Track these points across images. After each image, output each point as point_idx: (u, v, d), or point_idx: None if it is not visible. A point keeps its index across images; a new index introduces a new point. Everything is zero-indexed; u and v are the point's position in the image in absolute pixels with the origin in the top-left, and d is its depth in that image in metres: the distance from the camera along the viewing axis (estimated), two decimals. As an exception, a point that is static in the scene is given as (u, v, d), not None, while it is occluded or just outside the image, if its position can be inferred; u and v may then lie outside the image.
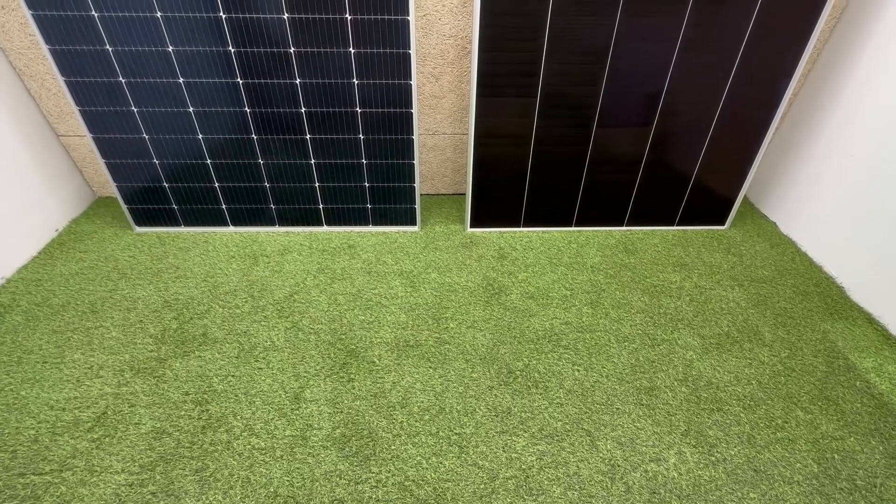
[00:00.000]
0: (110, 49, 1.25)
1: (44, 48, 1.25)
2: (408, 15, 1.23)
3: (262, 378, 1.14)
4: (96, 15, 1.20)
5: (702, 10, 1.25)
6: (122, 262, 1.48)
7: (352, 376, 1.15)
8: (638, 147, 1.49)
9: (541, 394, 1.12)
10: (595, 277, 1.46)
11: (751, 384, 1.15)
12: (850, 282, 1.42)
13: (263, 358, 1.19)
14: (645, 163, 1.52)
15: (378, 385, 1.13)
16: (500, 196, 1.58)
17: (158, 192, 1.52)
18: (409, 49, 1.28)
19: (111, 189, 1.71)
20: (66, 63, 1.27)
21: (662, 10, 1.25)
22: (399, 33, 1.26)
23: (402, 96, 1.37)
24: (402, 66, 1.31)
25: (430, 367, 1.17)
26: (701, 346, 1.24)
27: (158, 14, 1.21)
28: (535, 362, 1.19)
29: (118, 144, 1.42)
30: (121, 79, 1.30)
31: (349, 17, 1.23)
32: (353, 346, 1.22)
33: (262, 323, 1.28)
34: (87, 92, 1.32)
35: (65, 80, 1.30)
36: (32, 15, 1.20)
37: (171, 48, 1.26)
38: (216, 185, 1.52)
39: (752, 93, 1.40)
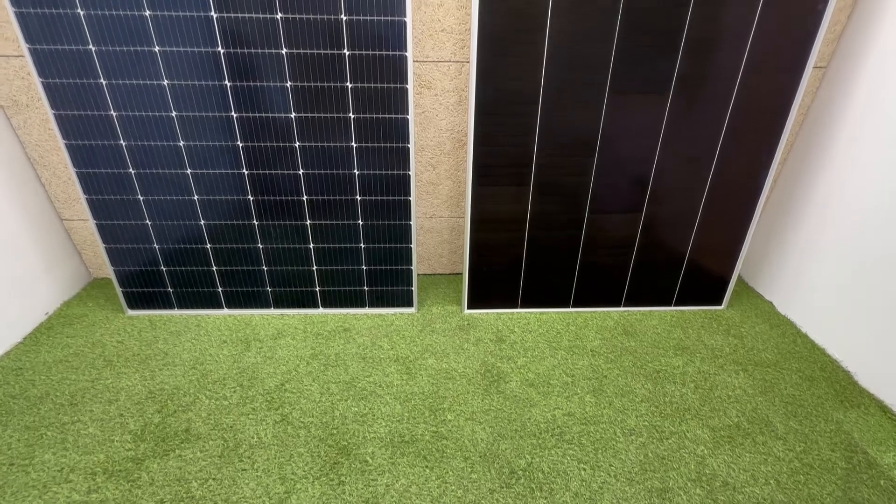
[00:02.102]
0: (124, 144, 1.32)
1: (60, 143, 1.31)
2: (407, 114, 1.32)
3: (246, 481, 1.06)
4: (114, 114, 1.28)
5: (679, 110, 1.35)
6: (109, 347, 1.44)
7: (342, 478, 1.07)
8: (630, 231, 1.53)
9: (546, 498, 1.03)
10: (596, 362, 1.43)
11: (769, 484, 1.08)
12: (856, 366, 1.39)
13: (248, 457, 1.11)
14: (638, 246, 1.56)
15: (370, 489, 1.05)
16: (496, 278, 1.59)
17: (155, 275, 1.52)
18: (409, 143, 1.36)
19: (108, 271, 1.70)
20: (80, 156, 1.33)
21: (644, 109, 1.35)
22: (399, 130, 1.34)
23: (401, 185, 1.42)
24: (401, 158, 1.38)
25: (427, 467, 1.10)
26: (712, 440, 1.18)
27: (174, 113, 1.29)
28: (538, 460, 1.12)
29: (120, 230, 1.44)
30: (131, 170, 1.36)
31: (352, 117, 1.32)
32: (346, 443, 1.15)
33: (250, 416, 1.22)
34: (97, 182, 1.37)
35: (76, 172, 1.35)
36: (54, 114, 1.28)
37: (182, 143, 1.33)
38: (213, 268, 1.52)
39: (734, 182, 1.47)
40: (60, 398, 1.25)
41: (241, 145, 1.34)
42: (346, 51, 1.24)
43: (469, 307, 1.64)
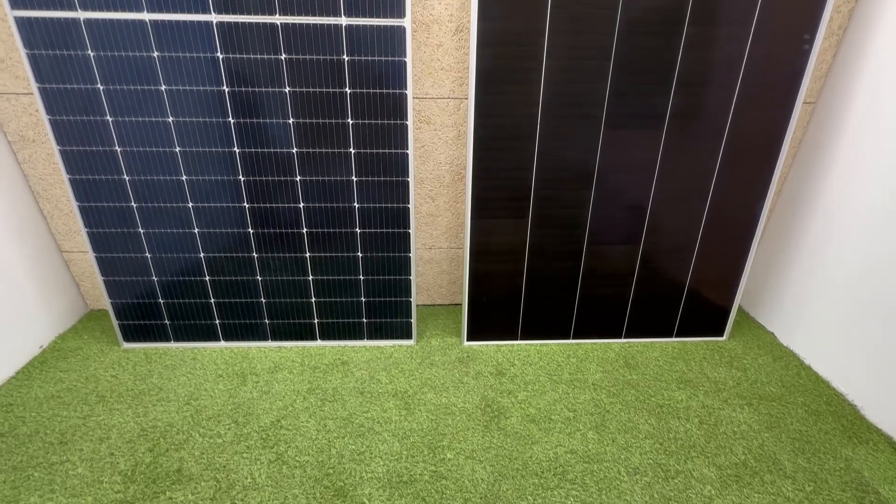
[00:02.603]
0: (127, 178, 1.34)
1: (64, 177, 1.33)
2: (407, 149, 1.35)
3: (238, 526, 1.02)
4: (119, 150, 1.30)
5: (673, 144, 1.38)
6: (103, 382, 1.41)
7: (338, 522, 1.03)
8: (629, 262, 1.53)
9: (549, 543, 1.00)
10: (598, 396, 1.40)
11: (780, 527, 1.04)
12: (862, 400, 1.37)
13: (242, 499, 1.07)
14: (637, 277, 1.56)
15: (367, 533, 1.01)
16: (496, 310, 1.58)
17: (152, 307, 1.51)
18: (408, 177, 1.38)
19: (105, 303, 1.69)
20: (83, 190, 1.35)
21: (639, 143, 1.37)
22: (399, 164, 1.36)
23: (401, 218, 1.43)
24: (401, 191, 1.40)
25: (426, 510, 1.06)
26: (719, 479, 1.15)
27: (177, 149, 1.31)
28: (540, 501, 1.08)
29: (119, 263, 1.44)
30: (132, 203, 1.37)
31: (353, 152, 1.34)
32: (342, 483, 1.11)
33: (244, 455, 1.18)
34: (98, 215, 1.38)
35: (78, 205, 1.36)
36: (59, 150, 1.30)
37: (184, 177, 1.35)
38: (212, 300, 1.51)
39: (731, 214, 1.48)
40: (50, 436, 1.22)
41: (242, 179, 1.36)
42: (347, 89, 1.27)
43: (469, 339, 1.63)
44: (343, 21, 1.20)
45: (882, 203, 1.31)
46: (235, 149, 1.32)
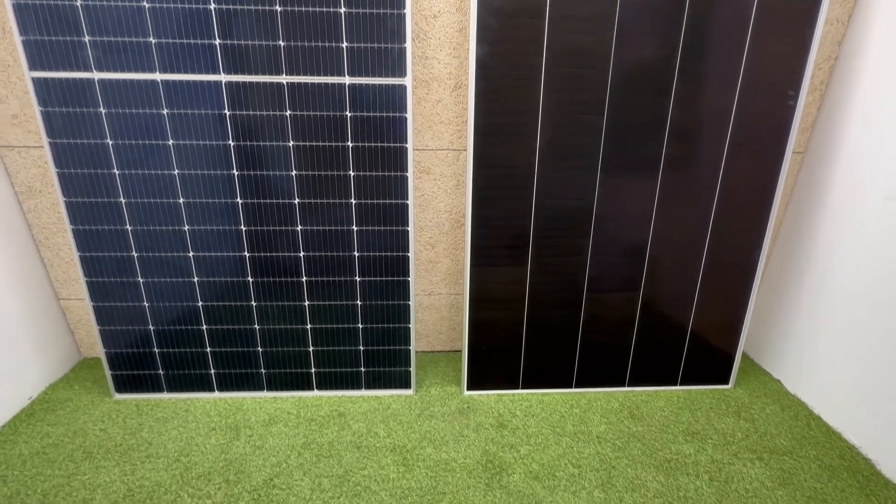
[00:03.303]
0: (129, 229, 1.35)
1: (68, 228, 1.34)
2: (407, 199, 1.37)
3: None
4: (123, 201, 1.33)
5: (669, 193, 1.41)
6: (91, 437, 1.36)
7: None
8: (629, 310, 1.53)
9: None
10: (603, 450, 1.35)
11: None
12: (877, 453, 1.32)
13: (229, 569, 1.01)
14: (638, 325, 1.54)
15: None
16: (496, 358, 1.56)
17: (146, 357, 1.49)
18: (408, 226, 1.40)
19: (99, 351, 1.67)
20: (86, 240, 1.36)
21: (635, 192, 1.40)
22: (399, 214, 1.38)
23: (401, 266, 1.44)
24: (401, 240, 1.41)
25: (425, 580, 1.00)
26: (733, 544, 1.09)
27: (181, 200, 1.33)
28: (546, 570, 1.02)
29: (116, 312, 1.43)
30: (133, 253, 1.38)
31: (354, 202, 1.36)
32: (336, 550, 1.06)
33: (234, 518, 1.13)
34: (98, 265, 1.38)
35: (80, 255, 1.37)
36: (65, 201, 1.32)
37: (186, 227, 1.36)
38: (208, 349, 1.49)
39: (729, 260, 1.49)
40: (31, 497, 1.17)
41: (244, 229, 1.37)
42: (349, 143, 1.31)
43: (469, 388, 1.59)
44: (346, 80, 1.25)
45: (877, 245, 1.32)
46: (238, 200, 1.34)
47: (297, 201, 1.35)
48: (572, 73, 1.28)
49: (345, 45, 1.23)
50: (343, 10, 1.20)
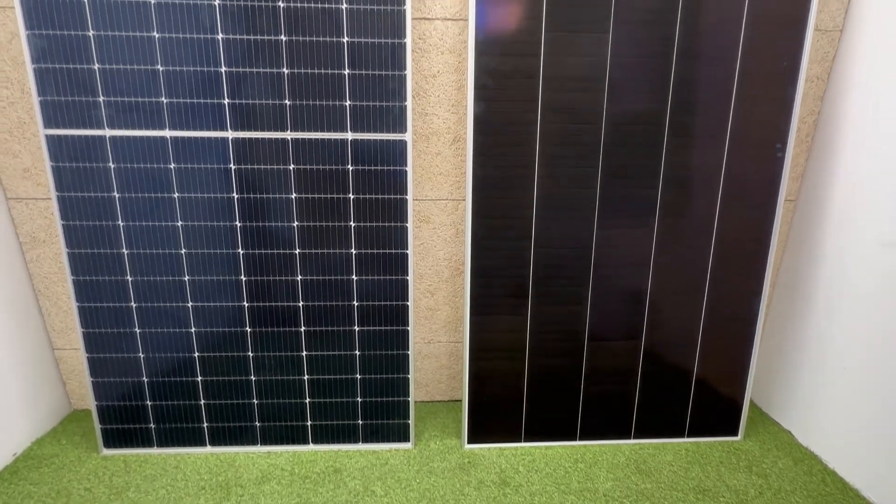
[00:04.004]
0: (130, 279, 1.36)
1: (68, 278, 1.35)
2: (407, 249, 1.38)
3: None
4: (126, 252, 1.34)
5: (666, 242, 1.42)
6: (74, 497, 1.30)
7: None
8: (631, 359, 1.50)
9: None
10: (611, 510, 1.29)
11: None
12: (897, 513, 1.26)
13: None
14: (642, 374, 1.52)
15: None
16: (498, 409, 1.52)
17: (138, 410, 1.45)
18: (408, 276, 1.40)
19: (90, 403, 1.62)
20: (85, 291, 1.36)
21: (632, 241, 1.42)
22: (399, 263, 1.39)
23: (400, 315, 1.43)
24: (400, 289, 1.41)
25: None
26: None
27: (183, 251, 1.35)
28: None
29: (110, 363, 1.41)
30: (132, 304, 1.37)
31: (354, 252, 1.38)
32: None
33: (221, 590, 1.06)
34: (96, 315, 1.38)
35: (78, 306, 1.37)
36: (68, 252, 1.33)
37: (186, 278, 1.37)
38: (202, 402, 1.45)
39: (729, 308, 1.49)
40: (7, 567, 1.10)
41: (244, 279, 1.38)
42: (351, 195, 1.34)
43: (469, 441, 1.54)
44: (349, 136, 1.30)
45: (877, 290, 1.32)
46: (240, 250, 1.36)
47: (297, 251, 1.37)
48: (567, 128, 1.33)
49: (348, 103, 1.28)
50: (347, 72, 1.26)
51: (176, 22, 1.21)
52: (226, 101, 1.26)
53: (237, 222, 1.34)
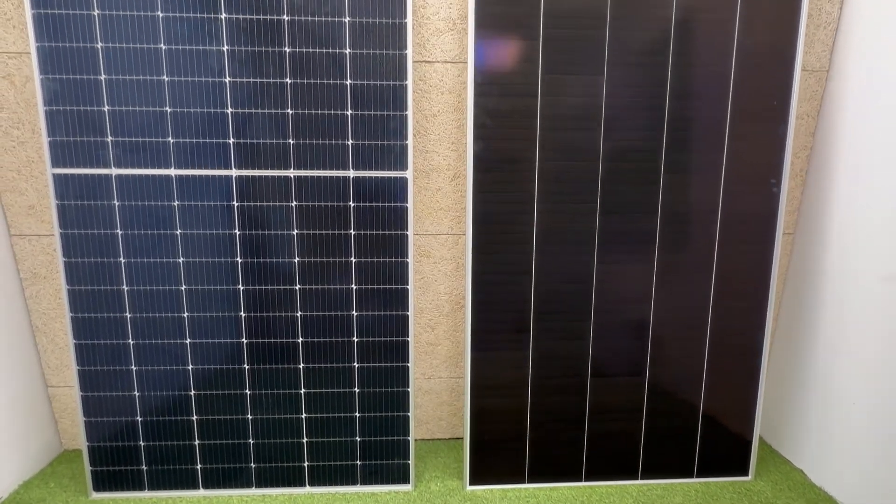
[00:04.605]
0: (129, 316, 1.35)
1: (67, 315, 1.34)
2: (407, 284, 1.38)
3: None
4: (126, 289, 1.34)
5: (666, 277, 1.42)
6: (60, 546, 1.25)
7: None
8: (636, 396, 1.48)
9: None
10: (620, 558, 1.23)
11: None
12: (919, 561, 1.21)
13: None
14: (647, 411, 1.48)
15: None
16: (500, 448, 1.48)
17: (130, 451, 1.41)
18: (408, 311, 1.40)
19: (81, 443, 1.58)
20: (83, 328, 1.35)
21: (632, 277, 1.42)
22: (399, 299, 1.39)
23: (400, 351, 1.41)
24: (400, 325, 1.40)
25: None
26: None
27: (183, 287, 1.35)
28: None
29: (105, 402, 1.38)
30: (130, 341, 1.36)
31: (354, 288, 1.38)
32: None
33: None
34: (93, 353, 1.36)
35: (75, 343, 1.35)
36: (68, 289, 1.33)
37: (185, 314, 1.36)
38: (196, 442, 1.42)
39: (733, 343, 1.47)
40: None
41: (243, 315, 1.37)
42: (352, 231, 1.35)
43: (471, 482, 1.49)
44: (351, 174, 1.32)
45: (880, 322, 1.31)
46: (240, 286, 1.36)
47: (298, 287, 1.37)
48: (564, 165, 1.35)
49: (350, 142, 1.31)
50: (350, 112, 1.30)
51: (185, 66, 1.25)
52: (231, 140, 1.29)
53: (238, 258, 1.34)
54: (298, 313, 1.38)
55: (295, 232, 1.34)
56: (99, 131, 1.27)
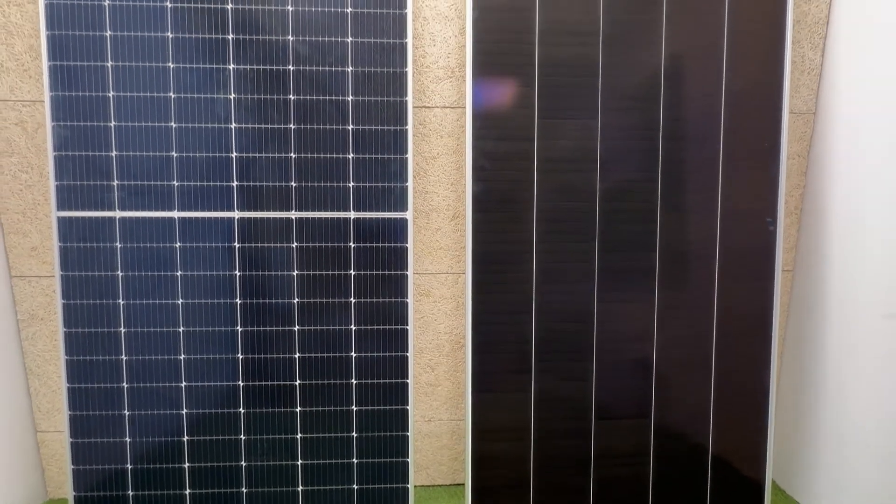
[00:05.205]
0: (125, 359, 1.33)
1: (62, 358, 1.33)
2: (407, 325, 1.37)
3: None
4: (123, 331, 1.33)
5: (667, 318, 1.41)
6: None
7: None
8: (642, 439, 1.43)
9: None
10: None
11: None
12: None
13: None
14: (654, 455, 1.44)
15: None
16: (503, 496, 1.42)
17: (118, 501, 1.35)
18: (408, 352, 1.38)
19: (67, 493, 1.52)
20: (77, 371, 1.33)
21: (633, 317, 1.41)
22: (398, 340, 1.38)
23: (399, 394, 1.39)
24: (399, 367, 1.38)
25: None
26: None
27: (181, 329, 1.34)
28: None
29: (95, 449, 1.34)
30: (124, 384, 1.34)
31: (354, 328, 1.37)
32: None
33: None
34: (86, 397, 1.33)
35: (68, 387, 1.33)
36: (64, 332, 1.32)
37: (182, 356, 1.34)
38: (187, 491, 1.36)
39: (739, 383, 1.45)
40: None
41: (241, 357, 1.35)
42: (352, 271, 1.35)
43: (474, 533, 1.42)
44: (352, 215, 1.34)
45: (885, 360, 1.29)
46: (238, 328, 1.35)
47: (297, 328, 1.36)
48: (562, 205, 1.37)
49: (352, 184, 1.34)
50: (352, 155, 1.33)
51: (193, 113, 1.30)
52: (234, 183, 1.32)
53: (237, 299, 1.34)
54: (297, 355, 1.36)
55: (295, 273, 1.34)
56: (105, 175, 1.30)
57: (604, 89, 1.36)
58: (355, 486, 1.39)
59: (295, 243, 1.34)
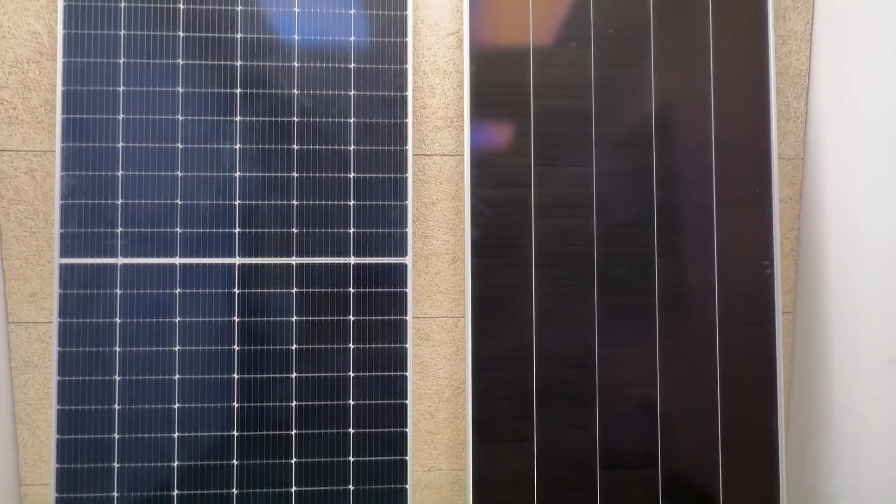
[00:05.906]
0: (117, 408, 1.30)
1: (53, 407, 1.30)
2: (406, 371, 1.36)
3: None
4: (118, 379, 1.30)
5: (669, 364, 1.40)
6: None
7: None
8: (650, 490, 1.38)
9: None
10: None
11: None
12: None
13: None
14: (663, 508, 1.38)
15: None
16: (506, 554, 1.35)
17: (102, 562, 1.29)
18: (406, 399, 1.35)
19: (49, 552, 1.45)
20: (68, 422, 1.30)
21: (635, 361, 1.40)
22: (397, 387, 1.35)
23: (397, 443, 1.35)
24: (398, 414, 1.35)
25: None
26: None
27: (177, 377, 1.32)
28: None
29: (81, 505, 1.29)
30: (115, 435, 1.30)
31: (352, 375, 1.35)
32: None
33: None
34: (75, 449, 1.30)
35: (57, 438, 1.29)
36: (58, 380, 1.30)
37: (176, 405, 1.31)
38: (175, 551, 1.30)
39: (747, 430, 1.41)
40: None
41: (236, 405, 1.33)
42: (351, 317, 1.35)
43: None
44: (352, 261, 1.35)
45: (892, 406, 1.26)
46: (234, 375, 1.33)
47: (294, 375, 1.34)
48: (560, 250, 1.39)
49: (352, 230, 1.36)
50: (353, 202, 1.36)
51: (199, 163, 1.33)
52: (237, 230, 1.34)
53: (235, 346, 1.33)
54: (294, 403, 1.33)
55: (294, 318, 1.34)
56: (110, 223, 1.32)
57: (597, 137, 1.41)
58: (351, 544, 1.33)
59: (295, 289, 1.34)
